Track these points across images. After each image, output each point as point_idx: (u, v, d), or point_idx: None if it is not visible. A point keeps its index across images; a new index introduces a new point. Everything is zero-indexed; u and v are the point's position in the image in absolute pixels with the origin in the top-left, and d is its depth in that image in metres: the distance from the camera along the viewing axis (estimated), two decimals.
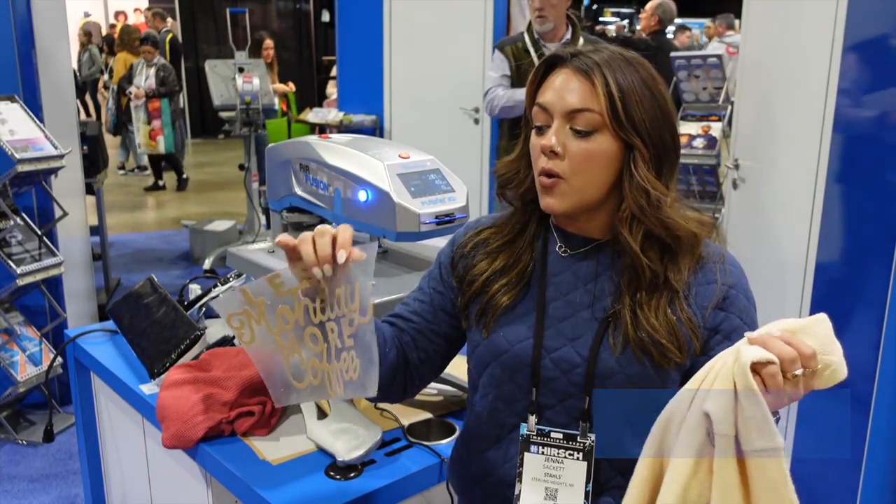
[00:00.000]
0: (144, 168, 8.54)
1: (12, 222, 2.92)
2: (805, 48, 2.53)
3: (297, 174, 1.70)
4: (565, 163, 1.08)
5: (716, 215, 4.04)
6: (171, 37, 9.33)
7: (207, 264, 5.00)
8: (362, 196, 1.50)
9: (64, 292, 3.38)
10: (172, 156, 7.73)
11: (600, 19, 18.39)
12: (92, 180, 4.32)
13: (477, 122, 4.77)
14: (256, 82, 5.09)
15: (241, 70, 5.11)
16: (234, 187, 7.57)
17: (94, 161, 4.36)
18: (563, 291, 1.15)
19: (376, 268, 1.08)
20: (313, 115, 5.36)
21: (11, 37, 3.13)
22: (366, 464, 1.42)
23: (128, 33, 8.43)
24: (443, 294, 1.24)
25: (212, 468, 1.48)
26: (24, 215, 3.06)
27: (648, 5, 6.08)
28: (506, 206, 1.24)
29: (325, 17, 10.46)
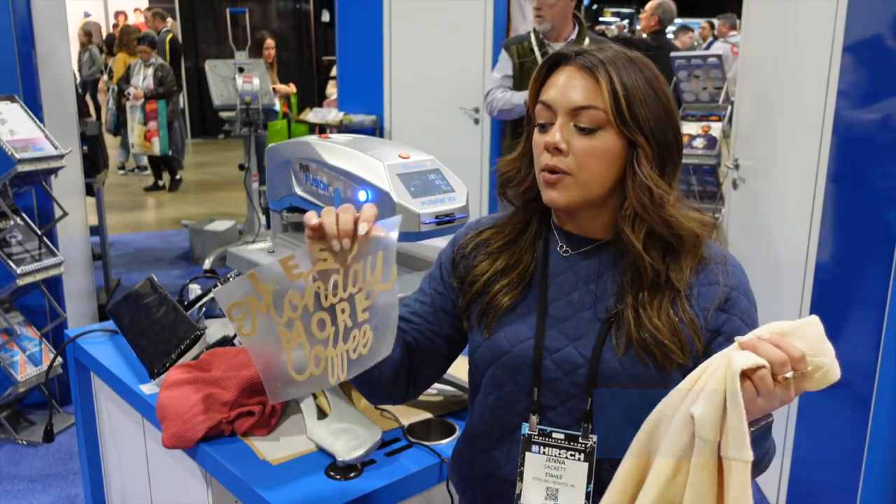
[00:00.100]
0: (144, 168, 8.54)
1: (12, 222, 2.92)
2: (805, 48, 2.53)
3: (297, 174, 1.70)
4: (569, 159, 1.07)
5: (716, 215, 4.04)
6: (171, 37, 9.33)
7: (207, 264, 5.00)
8: (362, 196, 1.50)
9: (64, 292, 3.38)
10: (167, 157, 7.76)
11: (600, 19, 18.39)
12: (92, 180, 4.32)
13: (477, 122, 4.77)
14: (256, 82, 5.09)
15: (241, 70, 5.11)
16: (234, 187, 7.58)
17: (94, 161, 4.36)
18: (565, 292, 1.15)
19: None
20: (313, 115, 5.36)
21: (11, 37, 3.13)
22: (366, 464, 1.42)
23: (127, 33, 8.43)
24: (444, 295, 1.24)
25: (212, 468, 1.48)
26: (24, 215, 3.06)
27: (648, 5, 6.08)
28: (508, 205, 1.24)
29: (325, 17, 10.46)
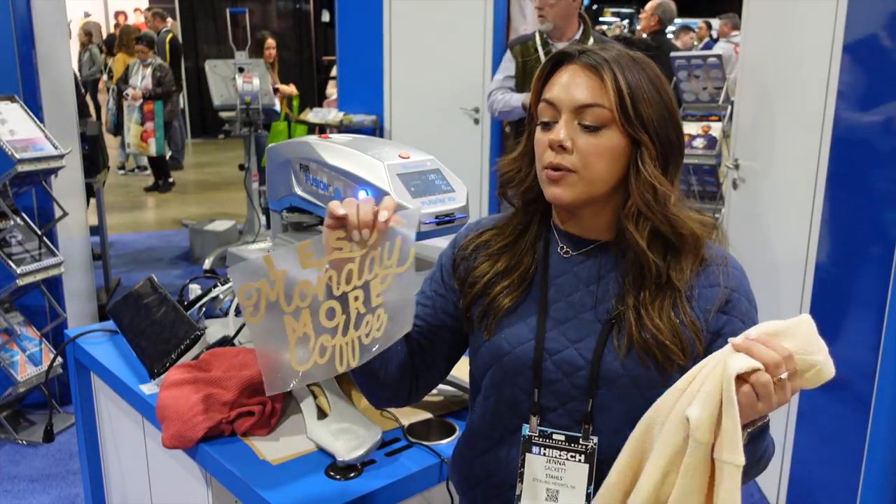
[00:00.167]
0: (144, 168, 8.54)
1: (12, 222, 2.92)
2: (805, 48, 2.53)
3: (297, 174, 1.70)
4: (573, 157, 1.07)
5: (716, 215, 4.04)
6: (171, 37, 9.33)
7: (207, 264, 5.00)
8: (362, 196, 1.50)
9: (64, 292, 3.38)
10: (162, 158, 7.79)
11: (600, 19, 18.41)
12: (92, 180, 4.32)
13: (477, 122, 4.77)
14: (256, 82, 5.09)
15: (241, 70, 5.11)
16: (234, 187, 7.57)
17: (93, 161, 4.35)
18: (565, 293, 1.15)
19: None
20: (313, 115, 5.36)
21: (11, 37, 3.13)
22: (366, 464, 1.42)
23: (127, 33, 8.44)
24: (444, 297, 1.24)
25: (212, 468, 1.48)
26: (24, 215, 3.06)
27: (648, 5, 6.08)
28: (509, 206, 1.23)
29: (325, 17, 10.45)
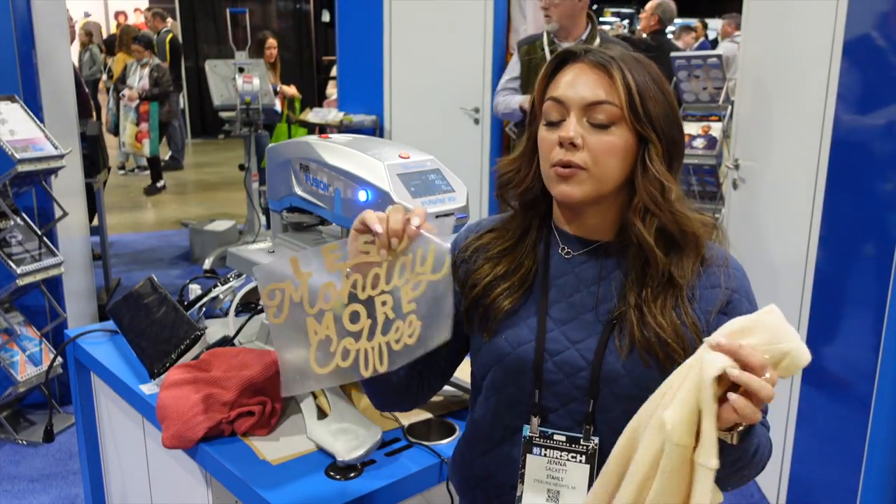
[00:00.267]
0: (145, 168, 8.53)
1: (12, 222, 2.92)
2: (805, 48, 2.53)
3: (297, 174, 1.70)
4: (584, 154, 1.07)
5: (716, 215, 4.04)
6: (171, 37, 9.33)
7: (207, 264, 5.00)
8: (362, 196, 1.50)
9: (64, 292, 3.38)
10: (156, 159, 7.79)
11: (600, 19, 18.40)
12: (92, 181, 4.32)
13: (477, 122, 4.77)
14: (256, 82, 5.09)
15: (241, 70, 5.11)
16: (234, 187, 7.57)
17: (93, 161, 4.35)
18: (566, 294, 1.15)
19: None
20: (313, 115, 5.36)
21: (11, 37, 3.13)
22: (366, 464, 1.42)
23: (127, 33, 8.43)
24: None
25: (212, 468, 1.48)
26: (24, 215, 3.06)
27: (648, 5, 6.08)
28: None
29: (325, 17, 10.44)
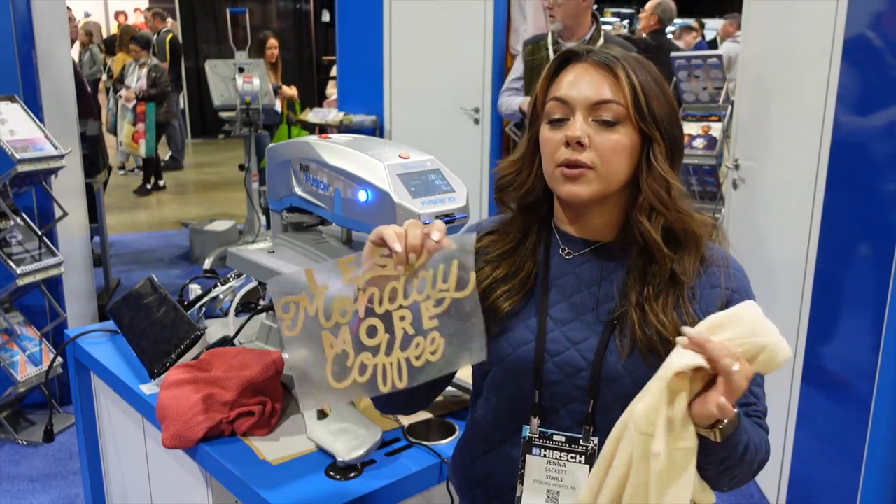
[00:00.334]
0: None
1: (12, 222, 2.92)
2: (805, 48, 2.53)
3: (298, 174, 1.70)
4: (591, 153, 1.08)
5: (716, 215, 4.04)
6: (171, 37, 9.33)
7: (207, 264, 5.00)
8: (362, 196, 1.50)
9: (64, 292, 3.38)
10: (152, 160, 7.81)
11: (600, 19, 18.39)
12: (91, 181, 4.32)
13: (477, 122, 4.77)
14: (256, 82, 5.09)
15: (241, 70, 5.11)
16: (234, 187, 7.57)
17: (93, 161, 4.35)
18: (567, 294, 1.15)
19: None
20: (313, 115, 5.36)
21: (11, 37, 3.13)
22: (366, 464, 1.42)
23: (127, 33, 8.43)
24: None
25: (212, 468, 1.48)
26: (24, 215, 3.06)
27: (648, 5, 6.08)
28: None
29: (325, 17, 10.44)
